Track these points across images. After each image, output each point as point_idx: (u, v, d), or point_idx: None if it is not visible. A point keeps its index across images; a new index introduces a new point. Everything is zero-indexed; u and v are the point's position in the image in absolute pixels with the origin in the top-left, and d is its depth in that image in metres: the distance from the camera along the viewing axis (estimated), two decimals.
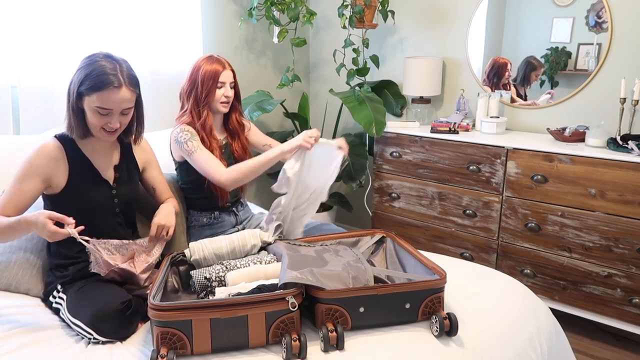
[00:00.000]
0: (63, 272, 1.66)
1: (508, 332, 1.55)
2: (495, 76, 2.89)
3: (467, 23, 2.92)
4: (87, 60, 1.59)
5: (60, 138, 1.67)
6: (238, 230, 2.15)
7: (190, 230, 2.12)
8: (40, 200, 1.69)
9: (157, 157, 1.95)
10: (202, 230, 2.12)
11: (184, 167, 2.07)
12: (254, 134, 2.24)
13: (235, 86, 2.10)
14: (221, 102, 2.04)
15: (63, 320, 1.58)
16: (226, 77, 2.04)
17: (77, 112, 1.61)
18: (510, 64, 2.83)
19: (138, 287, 1.66)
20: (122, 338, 1.48)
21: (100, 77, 1.54)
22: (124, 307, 1.48)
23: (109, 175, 1.74)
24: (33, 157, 1.61)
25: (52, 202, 1.68)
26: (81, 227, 1.46)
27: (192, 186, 2.11)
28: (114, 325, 1.46)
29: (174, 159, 2.13)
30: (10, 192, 1.60)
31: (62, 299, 1.62)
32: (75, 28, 2.37)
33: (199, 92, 2.01)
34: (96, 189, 1.69)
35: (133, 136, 1.76)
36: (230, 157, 2.14)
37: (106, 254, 1.60)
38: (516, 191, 2.51)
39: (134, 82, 1.61)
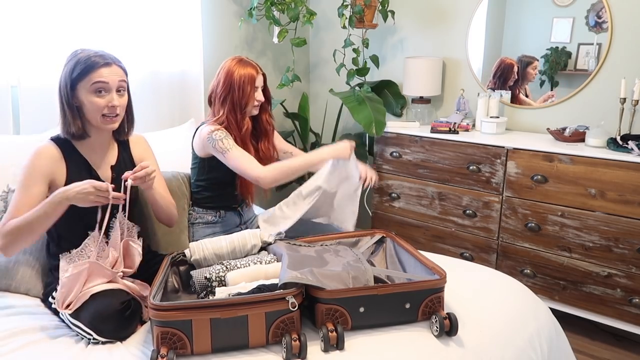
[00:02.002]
0: None
1: (508, 332, 1.55)
2: (502, 77, 2.89)
3: (467, 23, 2.92)
4: (70, 55, 1.65)
5: (56, 140, 1.67)
6: (241, 230, 2.16)
7: (193, 227, 2.12)
8: None
9: (156, 157, 1.93)
10: (206, 228, 2.12)
11: (206, 164, 2.06)
12: (276, 139, 2.24)
13: (265, 88, 2.09)
14: (254, 106, 2.05)
15: (63, 321, 1.58)
16: (260, 80, 2.04)
17: (72, 108, 1.62)
18: (518, 66, 2.82)
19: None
20: (122, 338, 1.48)
21: (88, 60, 1.59)
22: (123, 307, 1.47)
23: (107, 175, 1.73)
24: (32, 161, 1.61)
25: None
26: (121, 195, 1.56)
27: (208, 184, 2.10)
28: (113, 325, 1.45)
29: (195, 155, 2.09)
30: (19, 199, 1.58)
31: None
32: (75, 28, 2.37)
33: (236, 98, 1.99)
34: None
35: (126, 132, 1.78)
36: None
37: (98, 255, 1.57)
38: (516, 191, 2.51)
39: (121, 64, 1.66)
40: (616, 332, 2.48)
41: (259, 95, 2.04)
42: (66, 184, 1.63)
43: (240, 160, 1.92)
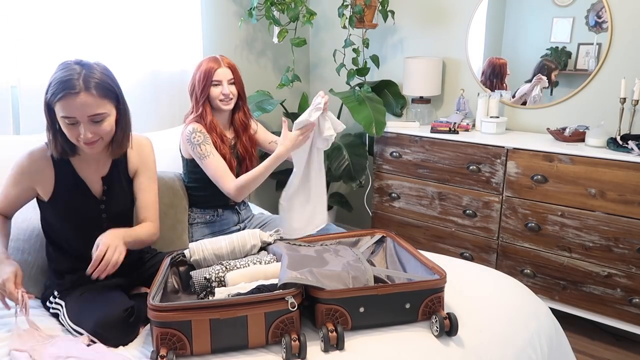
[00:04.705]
0: (60, 280, 1.65)
1: (508, 332, 1.55)
2: (496, 77, 2.89)
3: (467, 23, 2.92)
4: (58, 67, 1.52)
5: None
6: (240, 229, 2.17)
7: (192, 228, 2.13)
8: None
9: (155, 163, 1.80)
10: (205, 228, 2.13)
11: (194, 165, 2.08)
12: (261, 133, 2.26)
13: (237, 84, 2.10)
14: (220, 100, 2.06)
15: (62, 324, 1.57)
16: (222, 75, 2.05)
17: (52, 127, 1.53)
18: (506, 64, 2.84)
19: None
20: (125, 344, 1.46)
21: (58, 84, 1.45)
22: (127, 314, 1.47)
23: (97, 187, 1.66)
24: (19, 164, 1.60)
25: (42, 209, 1.67)
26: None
27: (199, 184, 2.12)
28: (117, 333, 1.45)
29: (182, 157, 2.14)
30: (3, 192, 1.63)
31: (59, 304, 1.60)
32: (75, 28, 2.37)
33: (196, 90, 2.06)
34: (82, 201, 1.64)
35: (117, 150, 1.64)
36: (237, 157, 2.16)
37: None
38: (516, 191, 2.50)
39: (100, 88, 1.48)
40: (616, 332, 2.48)
41: (225, 89, 2.04)
42: (54, 193, 1.61)
43: (215, 170, 1.99)
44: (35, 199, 1.67)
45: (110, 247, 1.46)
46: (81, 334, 1.46)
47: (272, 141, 2.23)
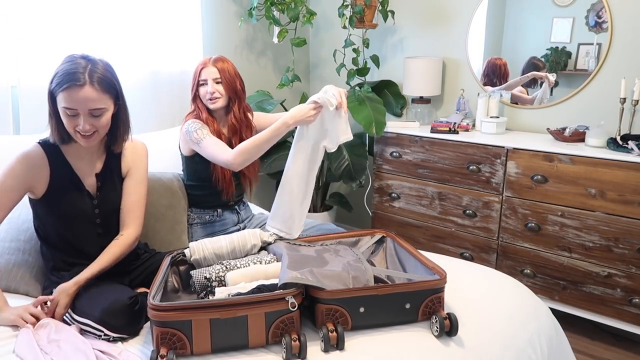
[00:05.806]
0: (58, 279, 1.65)
1: (508, 332, 1.55)
2: (497, 76, 2.89)
3: (467, 23, 2.92)
4: (64, 59, 1.56)
5: (44, 144, 1.65)
6: (239, 229, 2.17)
7: (192, 228, 2.13)
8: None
9: (146, 168, 1.83)
10: (204, 228, 2.13)
11: (192, 163, 2.10)
12: (261, 119, 2.24)
13: (225, 84, 2.05)
14: (208, 99, 2.06)
15: (67, 323, 1.57)
16: (207, 74, 2.05)
17: (54, 114, 1.59)
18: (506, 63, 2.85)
19: None
20: (132, 333, 1.48)
21: (65, 75, 1.50)
22: (132, 302, 1.49)
23: (91, 183, 1.69)
24: (13, 166, 1.60)
25: (34, 206, 1.68)
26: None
27: (198, 183, 2.13)
28: (124, 320, 1.46)
29: (182, 155, 2.14)
30: None
31: None
32: (75, 28, 2.37)
33: (191, 89, 2.10)
34: (76, 197, 1.66)
35: (117, 144, 1.71)
36: None
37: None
38: (516, 191, 2.51)
39: (103, 83, 1.54)
40: (616, 332, 2.48)
41: (210, 88, 2.03)
42: (48, 190, 1.62)
43: (211, 147, 1.95)
44: (27, 199, 1.68)
45: (53, 302, 1.54)
46: (88, 325, 1.47)
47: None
